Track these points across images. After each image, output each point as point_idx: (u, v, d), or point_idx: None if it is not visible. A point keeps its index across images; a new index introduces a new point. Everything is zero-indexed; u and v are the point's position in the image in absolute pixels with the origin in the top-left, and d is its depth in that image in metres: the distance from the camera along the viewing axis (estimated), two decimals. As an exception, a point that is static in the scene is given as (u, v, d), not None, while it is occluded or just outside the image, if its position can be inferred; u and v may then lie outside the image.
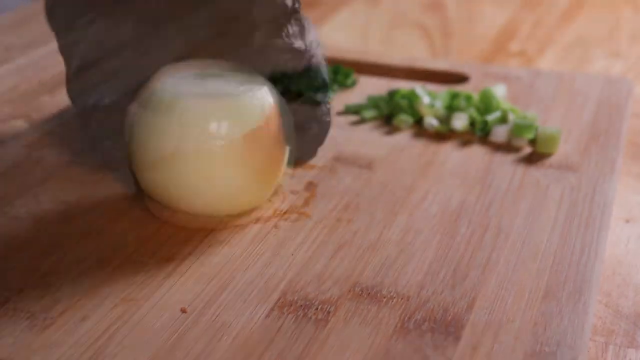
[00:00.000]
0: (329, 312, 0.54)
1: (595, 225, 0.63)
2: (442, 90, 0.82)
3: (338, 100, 0.82)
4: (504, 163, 0.72)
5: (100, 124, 0.66)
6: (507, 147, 0.74)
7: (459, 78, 0.88)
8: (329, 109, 0.69)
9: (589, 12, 1.14)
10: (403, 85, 0.84)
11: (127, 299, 0.55)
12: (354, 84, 0.86)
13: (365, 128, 0.78)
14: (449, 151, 0.74)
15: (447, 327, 0.53)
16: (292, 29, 0.65)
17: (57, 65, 0.89)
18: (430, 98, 0.78)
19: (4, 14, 1.00)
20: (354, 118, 0.79)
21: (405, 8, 1.14)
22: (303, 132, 0.68)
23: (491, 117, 0.76)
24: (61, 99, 0.82)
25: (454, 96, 0.79)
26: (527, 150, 0.74)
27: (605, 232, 0.63)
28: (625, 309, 0.59)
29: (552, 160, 0.72)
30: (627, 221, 0.69)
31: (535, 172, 0.70)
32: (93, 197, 0.65)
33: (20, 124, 0.77)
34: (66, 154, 0.71)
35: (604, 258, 0.61)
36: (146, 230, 0.62)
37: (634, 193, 0.73)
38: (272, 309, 0.54)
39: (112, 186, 0.67)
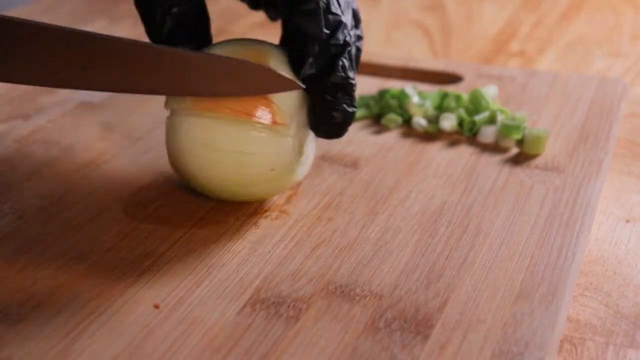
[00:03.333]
0: (300, 310, 0.54)
1: (576, 226, 0.63)
2: (435, 90, 0.82)
3: (330, 99, 0.82)
4: (490, 163, 0.72)
5: None
6: (494, 148, 0.74)
7: (453, 78, 0.88)
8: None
9: (589, 12, 1.14)
10: (397, 85, 0.84)
11: (102, 293, 0.55)
12: (346, 83, 0.86)
13: (354, 127, 0.77)
14: (435, 151, 0.74)
15: (417, 326, 0.53)
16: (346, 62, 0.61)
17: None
18: (420, 98, 0.78)
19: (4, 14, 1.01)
20: (344, 117, 0.79)
21: (406, 8, 1.14)
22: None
23: (479, 117, 0.75)
24: (61, 99, 0.83)
25: (444, 96, 0.79)
26: (515, 150, 0.74)
27: (585, 233, 0.62)
28: (625, 309, 0.59)
29: (539, 161, 0.72)
30: (628, 221, 0.69)
31: (520, 173, 0.70)
32: (77, 193, 0.66)
33: (19, 124, 0.77)
34: (55, 150, 0.72)
35: (582, 259, 0.61)
36: (127, 227, 0.62)
37: (634, 193, 0.73)
38: (244, 306, 0.54)
39: (96, 182, 0.67)
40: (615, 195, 0.73)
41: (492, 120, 0.76)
